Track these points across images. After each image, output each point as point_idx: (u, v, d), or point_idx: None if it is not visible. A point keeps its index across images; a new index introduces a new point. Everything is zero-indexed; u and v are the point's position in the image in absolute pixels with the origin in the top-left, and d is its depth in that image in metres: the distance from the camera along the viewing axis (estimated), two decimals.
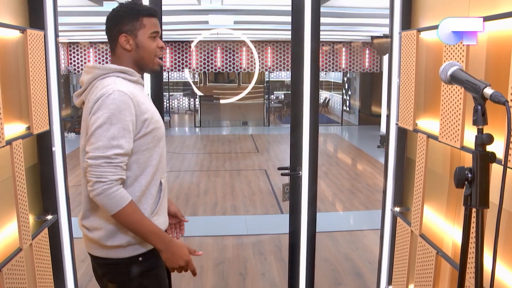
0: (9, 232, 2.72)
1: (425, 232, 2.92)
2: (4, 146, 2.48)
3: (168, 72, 16.77)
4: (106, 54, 13.95)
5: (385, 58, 12.01)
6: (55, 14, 3.04)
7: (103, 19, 2.09)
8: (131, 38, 2.02)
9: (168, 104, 18.48)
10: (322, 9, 3.03)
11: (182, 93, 20.88)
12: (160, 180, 2.08)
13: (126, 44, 2.02)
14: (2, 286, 2.53)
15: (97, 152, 1.81)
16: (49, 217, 3.17)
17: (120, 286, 2.06)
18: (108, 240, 1.97)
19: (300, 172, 3.15)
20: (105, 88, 1.89)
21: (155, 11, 2.08)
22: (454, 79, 1.64)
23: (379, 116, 13.14)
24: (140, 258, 2.00)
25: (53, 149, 3.13)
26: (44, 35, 2.98)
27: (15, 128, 2.74)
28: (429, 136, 2.78)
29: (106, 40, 2.10)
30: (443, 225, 2.78)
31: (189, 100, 19.84)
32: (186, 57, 14.20)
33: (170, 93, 19.59)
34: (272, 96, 19.14)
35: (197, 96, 16.78)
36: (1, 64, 2.49)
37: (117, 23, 2.03)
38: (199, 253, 2.01)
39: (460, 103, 2.39)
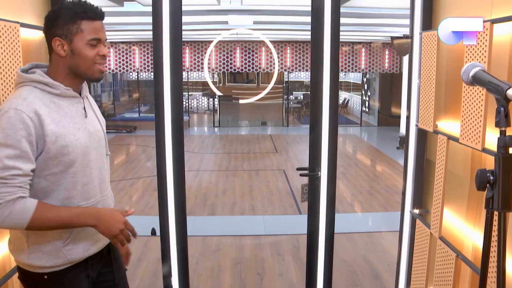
0: None
1: (445, 234, 2.88)
2: None
3: (188, 72, 16.84)
4: (127, 54, 14.08)
5: (405, 58, 11.91)
6: None
7: (124, 20, 2.02)
8: (66, 43, 1.81)
9: (187, 104, 18.57)
10: (342, 10, 3.02)
11: (201, 93, 20.97)
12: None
13: (60, 50, 1.82)
14: None
15: None
16: None
17: None
18: (15, 254, 1.91)
19: (319, 173, 3.14)
20: (6, 103, 1.74)
21: (99, 14, 1.86)
22: (476, 80, 1.62)
23: (399, 117, 13.03)
24: (46, 277, 1.87)
25: None
26: None
27: None
28: (450, 137, 2.75)
29: (127, 40, 2.01)
30: (463, 228, 2.75)
31: (208, 100, 19.91)
32: (204, 57, 14.26)
33: (190, 93, 19.68)
34: (291, 96, 19.11)
35: (216, 96, 16.83)
36: (25, 64, 2.52)
37: (52, 25, 1.83)
38: (131, 211, 1.90)
39: (481, 105, 2.36)
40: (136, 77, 19.02)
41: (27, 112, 1.70)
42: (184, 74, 16.93)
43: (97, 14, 1.84)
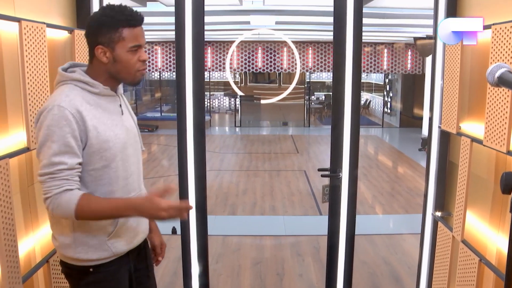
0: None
1: (468, 238, 2.85)
2: None
3: (209, 72, 16.91)
4: (149, 53, 14.18)
5: (428, 59, 11.79)
6: None
7: (147, 19, 2.01)
8: (108, 51, 1.87)
9: (208, 104, 18.64)
10: (364, 10, 3.00)
11: (223, 92, 21.02)
12: None
13: (103, 57, 1.88)
14: (49, 277, 2.61)
15: (43, 169, 1.78)
16: None
17: None
18: (61, 249, 1.98)
19: (340, 174, 3.13)
20: (49, 101, 1.83)
21: (139, 20, 1.89)
22: (502, 81, 1.60)
23: (421, 118, 12.90)
24: (91, 269, 1.96)
25: None
26: None
27: None
28: (473, 139, 2.71)
29: (149, 40, 2.04)
30: (487, 232, 2.71)
31: (229, 99, 19.95)
32: (226, 57, 14.29)
33: (211, 93, 19.75)
34: (313, 97, 19.05)
35: (238, 96, 16.86)
36: (51, 64, 2.56)
37: (94, 32, 1.88)
38: (171, 186, 1.91)
39: (507, 106, 2.33)
40: (158, 76, 19.16)
41: (70, 108, 1.78)
42: (206, 74, 17.01)
43: (137, 21, 1.88)
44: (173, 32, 2.95)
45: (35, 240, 2.60)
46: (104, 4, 1.92)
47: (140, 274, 2.19)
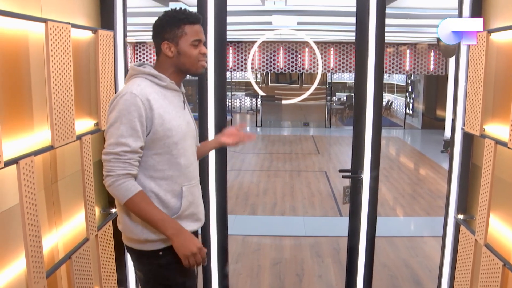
0: (77, 222, 2.85)
1: (491, 242, 2.81)
2: (74, 141, 2.59)
3: (231, 72, 16.95)
4: None
5: (451, 60, 11.65)
6: (124, 15, 3.15)
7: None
8: (173, 46, 2.12)
9: (230, 104, 18.69)
10: (387, 10, 2.98)
11: (244, 92, 21.06)
12: (181, 187, 2.15)
13: (168, 51, 2.13)
14: (71, 272, 2.65)
15: (108, 148, 1.98)
16: (114, 210, 3.29)
17: (145, 276, 2.20)
18: (128, 233, 2.13)
19: (362, 175, 3.12)
20: (123, 89, 2.04)
21: (198, 19, 2.15)
22: None
23: (444, 120, 12.75)
24: (161, 253, 2.11)
25: None
26: (114, 35, 3.10)
27: (84, 124, 2.86)
28: (498, 142, 2.67)
29: None
30: (511, 236, 2.67)
31: (251, 100, 19.98)
32: (248, 57, 14.31)
33: (233, 93, 19.80)
34: (334, 97, 18.97)
35: (259, 96, 16.88)
36: (75, 63, 2.60)
37: (160, 30, 2.14)
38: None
39: None
40: None
41: (140, 96, 2.00)
42: (228, 74, 17.04)
43: (196, 19, 2.14)
44: None
45: (58, 237, 2.65)
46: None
47: None
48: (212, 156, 3.08)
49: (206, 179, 3.11)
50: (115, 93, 3.12)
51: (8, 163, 1.99)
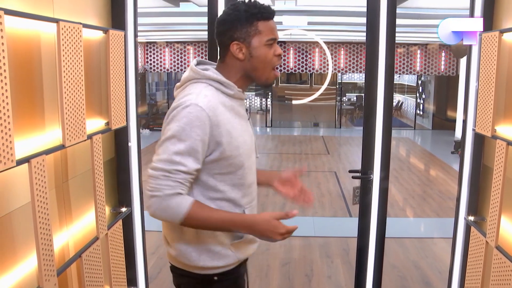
0: (87, 221, 2.86)
1: (502, 244, 2.79)
2: (85, 140, 2.61)
3: None
4: (182, 53, 14.32)
5: (462, 60, 11.58)
6: (135, 15, 3.16)
7: (180, 20, 2.02)
8: (244, 46, 1.80)
9: None
10: (398, 10, 2.97)
11: (254, 93, 21.06)
12: (243, 210, 1.89)
13: (239, 53, 1.81)
14: (81, 271, 2.67)
15: (159, 163, 1.68)
16: (124, 209, 3.31)
17: None
18: (183, 259, 1.88)
19: (371, 176, 3.11)
20: (186, 97, 1.73)
21: (272, 13, 1.83)
22: None
23: (454, 121, 12.68)
24: (216, 278, 1.88)
25: (129, 144, 3.26)
26: (125, 35, 3.11)
27: (95, 124, 2.88)
28: (509, 143, 2.65)
29: (182, 39, 2.00)
30: None
31: (261, 100, 19.98)
32: None
33: None
34: (344, 98, 18.93)
35: (269, 96, 16.87)
36: (86, 63, 2.62)
37: (229, 28, 1.80)
38: (293, 212, 1.77)
39: None
40: None
41: (207, 110, 1.70)
42: None
43: (271, 14, 1.82)
44: (206, 33, 2.98)
45: (69, 235, 2.66)
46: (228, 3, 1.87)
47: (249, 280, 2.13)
48: None
49: None
50: (125, 92, 3.14)
51: (20, 162, 2.00)
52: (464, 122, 3.24)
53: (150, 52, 14.37)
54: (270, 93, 16.71)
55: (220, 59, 1.88)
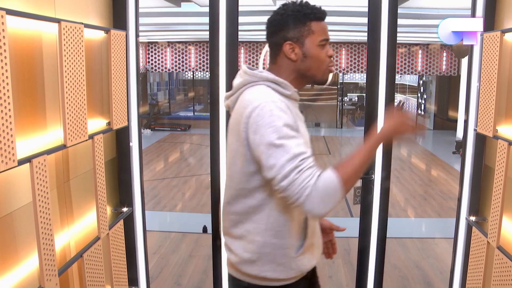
0: (89, 221, 2.87)
1: (504, 244, 2.79)
2: (86, 140, 2.61)
3: None
4: (183, 53, 14.31)
5: (464, 60, 11.56)
6: (137, 15, 3.17)
7: (181, 20, 1.99)
8: (297, 47, 1.77)
9: None
10: (399, 10, 2.97)
11: None
12: (305, 215, 1.81)
13: (291, 53, 1.78)
14: (82, 271, 2.67)
15: (284, 169, 1.55)
16: (125, 209, 3.31)
17: None
18: (245, 268, 1.81)
19: (373, 176, 3.11)
20: (254, 101, 1.65)
21: (324, 13, 1.81)
22: None
23: (456, 121, 12.67)
24: None
25: (131, 144, 3.26)
26: (126, 35, 3.11)
27: (96, 124, 2.88)
28: (511, 143, 2.65)
29: (183, 39, 1.97)
30: None
31: None
32: (259, 57, 14.30)
33: None
34: (346, 98, 18.91)
35: None
36: (87, 63, 2.62)
37: (281, 28, 1.78)
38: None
39: None
40: (191, 76, 19.31)
41: (280, 102, 1.66)
42: None
43: (323, 14, 1.80)
44: (207, 33, 2.98)
45: (70, 235, 2.67)
46: (280, 3, 1.80)
47: None
48: (223, 155, 3.08)
49: (217, 178, 3.11)
50: (127, 92, 3.14)
51: (21, 162, 2.01)
52: (466, 122, 3.24)
53: (152, 52, 14.37)
54: None
55: (272, 61, 1.86)
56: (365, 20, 3.04)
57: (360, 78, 20.59)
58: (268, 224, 1.74)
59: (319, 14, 1.78)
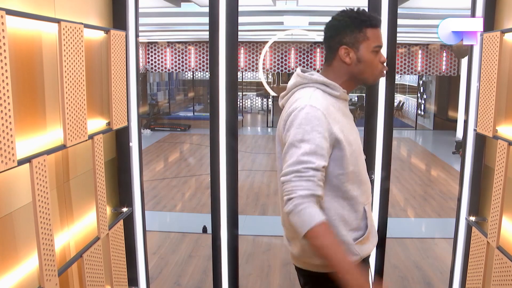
0: (88, 221, 2.87)
1: (503, 244, 2.79)
2: (86, 140, 2.61)
3: (242, 72, 16.97)
4: (183, 53, 14.31)
5: (463, 61, 11.57)
6: (136, 15, 3.17)
7: (181, 20, 2.03)
8: (352, 51, 1.88)
9: (241, 104, 18.70)
10: (399, 10, 2.97)
11: (255, 93, 21.06)
12: (363, 206, 1.94)
13: (346, 57, 1.89)
14: (82, 271, 2.67)
15: (287, 168, 1.72)
16: (125, 209, 3.31)
17: None
18: (307, 258, 1.92)
19: (373, 176, 3.11)
20: (298, 101, 1.82)
21: (379, 21, 1.92)
22: None
23: (456, 121, 12.67)
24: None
25: (130, 144, 3.27)
26: (126, 35, 3.11)
27: (96, 124, 2.88)
28: (511, 143, 2.65)
29: (183, 40, 2.02)
30: None
31: (262, 100, 19.98)
32: (259, 58, 14.31)
33: (244, 93, 19.81)
34: None
35: (270, 96, 16.86)
36: (87, 63, 2.62)
37: (338, 33, 1.89)
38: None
39: None
40: (191, 76, 19.30)
41: (322, 109, 1.78)
42: (239, 74, 17.06)
43: (378, 22, 1.91)
44: (207, 33, 2.98)
45: (70, 235, 2.67)
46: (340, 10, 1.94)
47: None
48: (223, 155, 3.08)
49: (217, 179, 3.11)
50: (126, 92, 3.15)
51: (21, 162, 2.00)
52: (466, 122, 3.24)
53: (151, 52, 14.37)
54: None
55: (327, 63, 1.97)
56: None
57: None
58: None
59: (374, 22, 1.89)
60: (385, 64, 1.95)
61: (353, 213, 1.90)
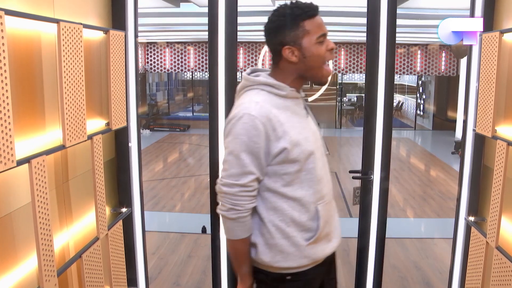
0: (88, 222, 2.86)
1: (502, 244, 2.79)
2: (85, 141, 2.61)
3: (241, 72, 16.93)
4: (182, 54, 14.31)
5: (463, 61, 11.57)
6: (136, 15, 3.17)
7: (180, 20, 2.03)
8: (296, 49, 1.81)
9: None
10: (398, 11, 2.97)
11: None
12: (316, 207, 1.88)
13: (292, 57, 1.82)
14: (81, 271, 2.67)
15: (231, 179, 1.77)
16: (124, 209, 3.31)
17: None
18: (257, 257, 1.92)
19: (372, 176, 3.11)
20: (239, 107, 1.79)
21: (316, 9, 1.82)
22: None
23: (455, 121, 12.67)
24: (289, 277, 1.90)
25: (130, 144, 3.26)
26: (125, 35, 3.11)
27: (95, 124, 2.88)
28: (510, 143, 2.66)
29: (182, 40, 2.01)
30: None
31: None
32: (258, 58, 14.30)
33: None
34: (345, 98, 18.92)
35: None
36: (86, 63, 2.62)
37: (277, 35, 1.83)
38: None
39: None
40: (190, 76, 19.29)
41: (260, 117, 1.74)
42: (238, 74, 17.05)
43: (315, 10, 1.81)
44: (206, 33, 2.98)
45: (69, 236, 2.67)
46: (276, 7, 1.88)
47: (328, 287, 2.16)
48: (222, 156, 3.08)
49: (216, 179, 3.11)
50: (126, 93, 3.15)
51: (20, 162, 2.00)
52: (465, 122, 3.24)
53: (151, 52, 14.36)
54: None
55: (274, 64, 1.91)
56: (364, 20, 3.03)
57: (359, 78, 20.61)
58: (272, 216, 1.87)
59: (310, 12, 1.79)
60: (332, 50, 1.86)
61: (304, 214, 1.86)
